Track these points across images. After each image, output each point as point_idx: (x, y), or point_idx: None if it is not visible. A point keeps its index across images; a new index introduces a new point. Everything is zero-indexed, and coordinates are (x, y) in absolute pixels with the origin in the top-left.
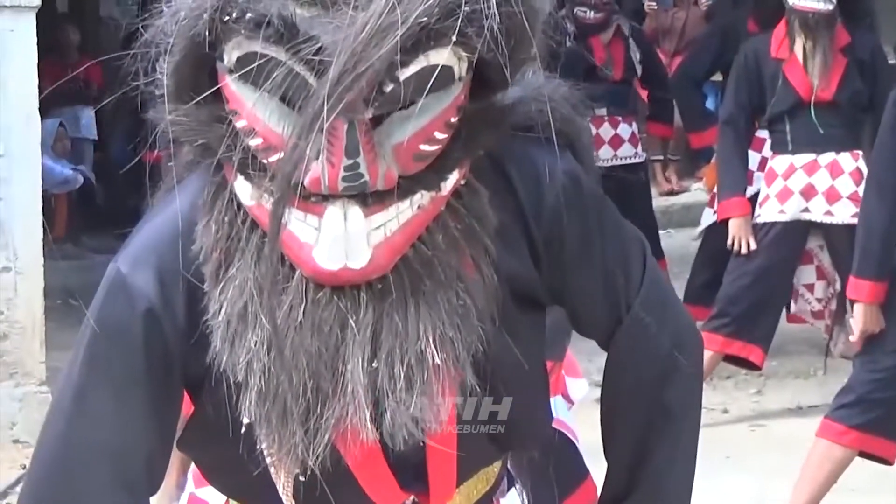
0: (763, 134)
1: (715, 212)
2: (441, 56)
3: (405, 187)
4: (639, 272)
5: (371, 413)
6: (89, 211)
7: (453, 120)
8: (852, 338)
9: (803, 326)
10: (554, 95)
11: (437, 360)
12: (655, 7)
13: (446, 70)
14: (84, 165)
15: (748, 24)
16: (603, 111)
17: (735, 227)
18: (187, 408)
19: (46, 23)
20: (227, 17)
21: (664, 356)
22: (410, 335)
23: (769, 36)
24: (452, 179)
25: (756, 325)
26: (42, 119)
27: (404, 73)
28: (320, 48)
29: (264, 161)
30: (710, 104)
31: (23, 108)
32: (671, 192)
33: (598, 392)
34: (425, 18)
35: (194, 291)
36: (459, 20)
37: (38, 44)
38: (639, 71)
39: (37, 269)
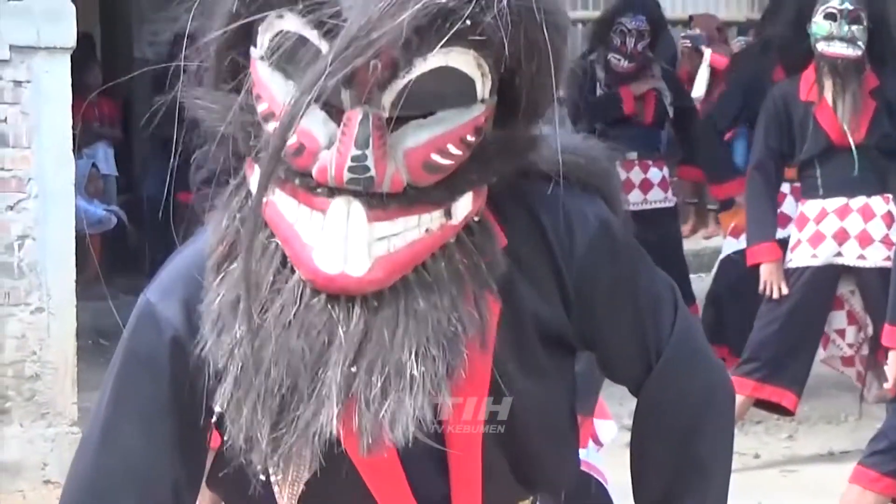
0: (784, 188)
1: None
2: (461, 61)
3: (412, 197)
4: (670, 319)
5: (340, 415)
6: (121, 251)
7: (470, 138)
8: (886, 385)
9: (836, 370)
10: (581, 144)
11: (415, 373)
12: (689, 46)
13: (467, 85)
14: (112, 203)
15: (774, 73)
16: (633, 155)
17: (767, 273)
18: (215, 442)
19: (74, 63)
20: None
21: (695, 405)
22: (395, 348)
23: (797, 80)
24: (464, 206)
25: (788, 369)
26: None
27: (422, 65)
28: (338, 13)
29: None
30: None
31: (57, 148)
32: (708, 237)
33: (628, 436)
34: (443, 0)
35: None
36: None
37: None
38: (670, 113)
39: (69, 310)
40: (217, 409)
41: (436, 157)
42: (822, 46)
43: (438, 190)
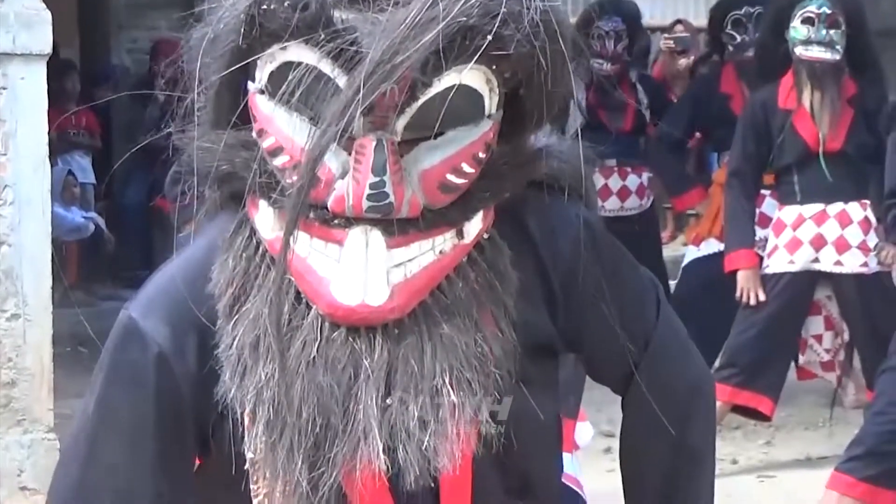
0: (762, 190)
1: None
2: (472, 77)
3: (429, 220)
4: (653, 314)
5: (382, 452)
6: (99, 258)
7: (481, 155)
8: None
9: (813, 377)
10: (558, 146)
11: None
12: (672, 46)
13: (476, 101)
14: (89, 210)
15: (722, 82)
16: (612, 162)
17: (743, 279)
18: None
19: (51, 71)
20: (266, 5)
21: (683, 398)
22: (426, 374)
23: (776, 87)
24: (476, 225)
25: (765, 375)
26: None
27: (438, 85)
28: (355, 41)
29: (289, 181)
30: None
31: (32, 155)
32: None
33: (605, 441)
34: (464, 18)
35: (206, 335)
36: (499, 18)
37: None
38: (647, 117)
39: (46, 317)
40: (250, 455)
41: (451, 177)
42: (800, 50)
43: (453, 210)
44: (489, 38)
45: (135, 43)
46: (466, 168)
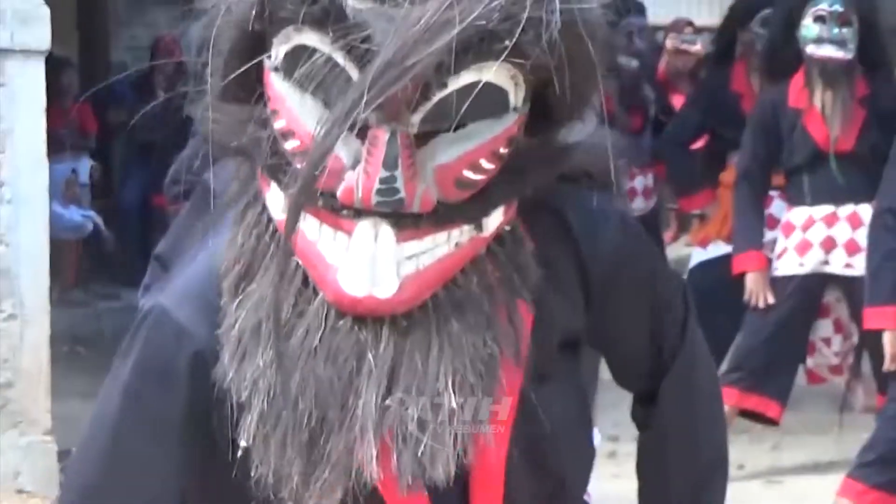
0: (771, 192)
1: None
2: (495, 75)
3: (443, 215)
4: (683, 318)
5: (379, 452)
6: (97, 257)
7: (503, 151)
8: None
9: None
10: (594, 139)
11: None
12: (680, 46)
13: (499, 96)
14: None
15: (734, 80)
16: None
17: (752, 282)
18: None
19: (47, 68)
20: None
21: (711, 396)
22: (429, 377)
23: (786, 86)
24: (495, 219)
25: (773, 379)
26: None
27: (454, 82)
28: (368, 37)
29: (298, 165)
30: None
31: (31, 153)
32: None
33: (610, 446)
34: (483, 21)
35: None
36: (520, 26)
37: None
38: (652, 112)
39: (43, 317)
40: (242, 443)
41: (468, 174)
42: (811, 49)
43: (470, 206)
44: (508, 43)
45: (134, 40)
46: (485, 164)
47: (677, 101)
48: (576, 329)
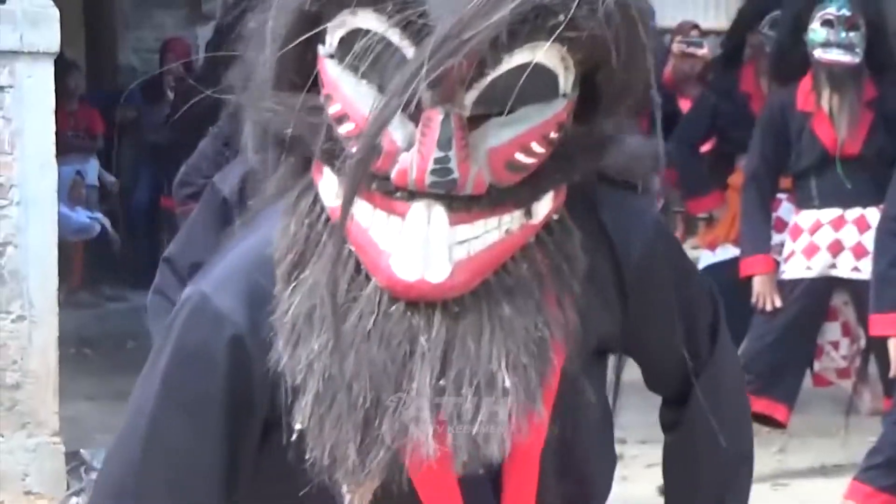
0: (780, 195)
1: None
2: (546, 55)
3: (495, 197)
4: (713, 323)
5: (434, 433)
6: (105, 259)
7: (553, 135)
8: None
9: (830, 383)
10: (632, 142)
11: (507, 384)
12: (686, 49)
13: (550, 79)
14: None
15: (742, 82)
16: None
17: (759, 285)
18: None
19: (55, 70)
20: None
21: (738, 392)
22: (482, 358)
23: (795, 89)
24: (545, 205)
25: (781, 382)
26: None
27: (508, 62)
28: (424, 13)
29: (352, 150)
30: None
31: (39, 155)
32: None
33: (617, 448)
34: None
35: None
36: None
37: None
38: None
39: (51, 319)
40: (297, 426)
41: (520, 157)
42: (819, 53)
43: (521, 189)
44: (562, 18)
45: (140, 42)
46: (536, 148)
47: (684, 104)
48: (610, 334)
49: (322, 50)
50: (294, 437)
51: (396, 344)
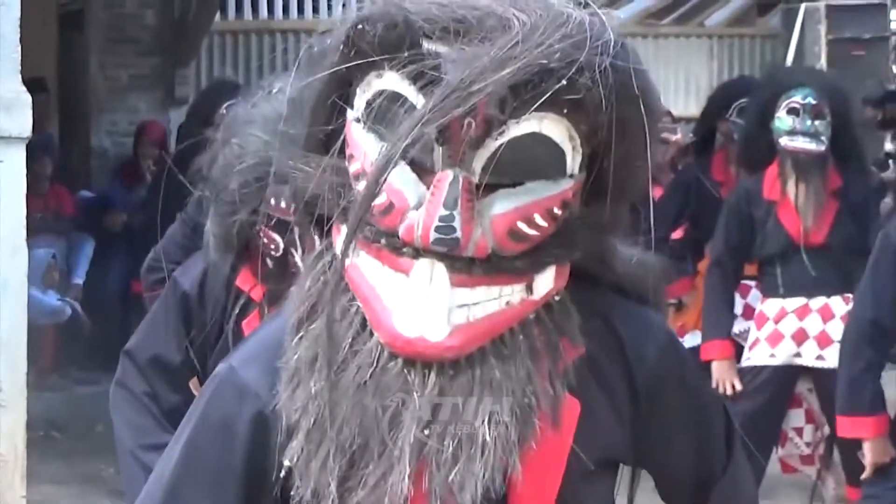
0: (749, 281)
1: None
2: (552, 128)
3: (496, 264)
4: (725, 427)
5: (411, 476)
6: (75, 342)
7: (556, 211)
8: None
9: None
10: (639, 255)
11: (487, 438)
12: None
13: (557, 154)
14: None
15: (713, 170)
16: None
17: (718, 370)
18: None
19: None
20: (361, 25)
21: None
22: (468, 415)
23: (762, 177)
24: (546, 282)
25: None
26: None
27: (515, 128)
28: (437, 66)
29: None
30: None
31: (10, 238)
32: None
33: None
34: (545, 60)
35: None
36: (576, 65)
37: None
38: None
39: (20, 402)
40: (287, 462)
41: (522, 226)
42: (784, 141)
43: (522, 261)
44: (564, 82)
45: (114, 125)
46: (539, 220)
47: (655, 191)
48: (618, 443)
49: (350, 114)
50: (283, 473)
51: (390, 396)
